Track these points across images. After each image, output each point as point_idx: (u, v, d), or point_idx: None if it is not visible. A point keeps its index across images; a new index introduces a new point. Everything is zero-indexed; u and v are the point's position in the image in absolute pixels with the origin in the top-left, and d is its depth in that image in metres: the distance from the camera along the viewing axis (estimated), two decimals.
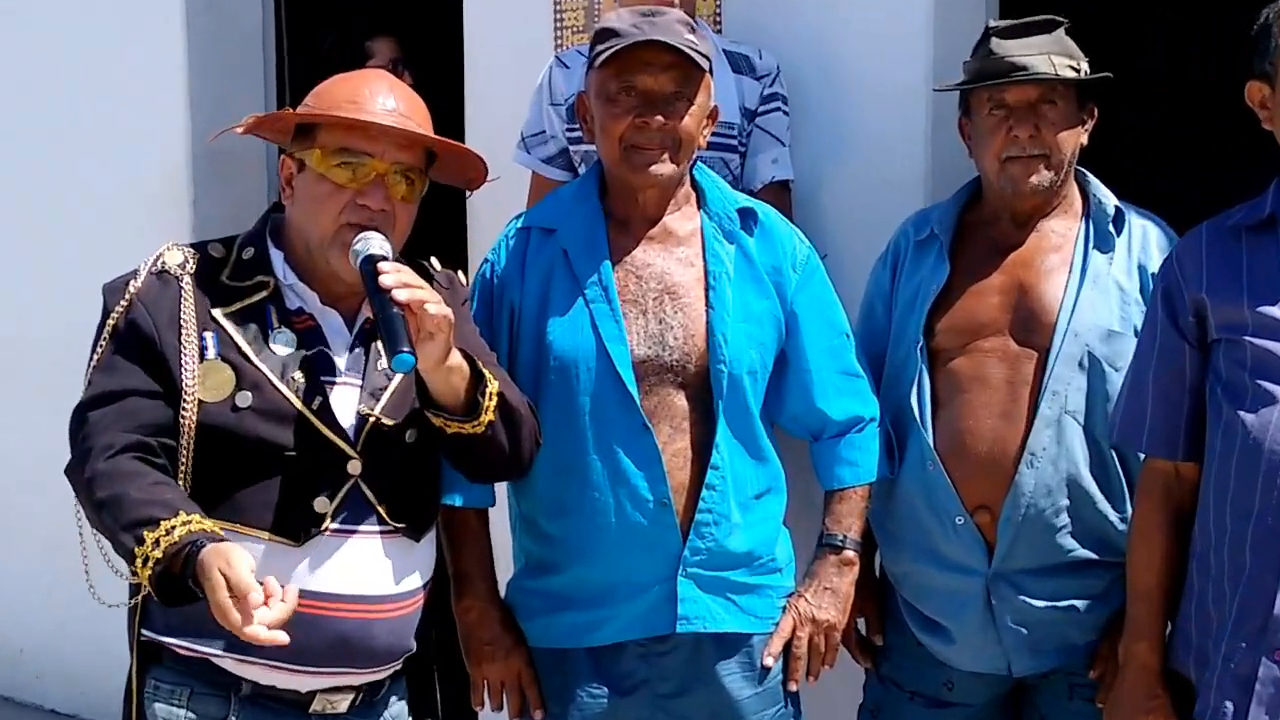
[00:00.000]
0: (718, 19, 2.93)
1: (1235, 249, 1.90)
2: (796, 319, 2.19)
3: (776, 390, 2.21)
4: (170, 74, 3.73)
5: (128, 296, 1.84)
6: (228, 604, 1.61)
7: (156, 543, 1.69)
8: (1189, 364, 1.93)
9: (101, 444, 1.78)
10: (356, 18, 3.85)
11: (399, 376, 1.87)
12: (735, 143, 2.67)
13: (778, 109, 2.70)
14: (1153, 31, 3.80)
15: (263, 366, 1.81)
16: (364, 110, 1.85)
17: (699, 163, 2.20)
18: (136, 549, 1.69)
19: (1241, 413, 1.83)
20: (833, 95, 2.77)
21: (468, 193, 2.15)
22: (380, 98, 1.88)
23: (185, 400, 1.79)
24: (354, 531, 1.86)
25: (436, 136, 1.91)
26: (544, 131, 2.79)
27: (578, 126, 2.29)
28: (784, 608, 2.20)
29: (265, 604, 1.61)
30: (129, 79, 3.79)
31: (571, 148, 2.73)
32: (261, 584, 1.61)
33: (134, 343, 1.83)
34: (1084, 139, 2.24)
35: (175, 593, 1.71)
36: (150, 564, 1.68)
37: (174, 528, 1.69)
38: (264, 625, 1.61)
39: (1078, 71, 2.18)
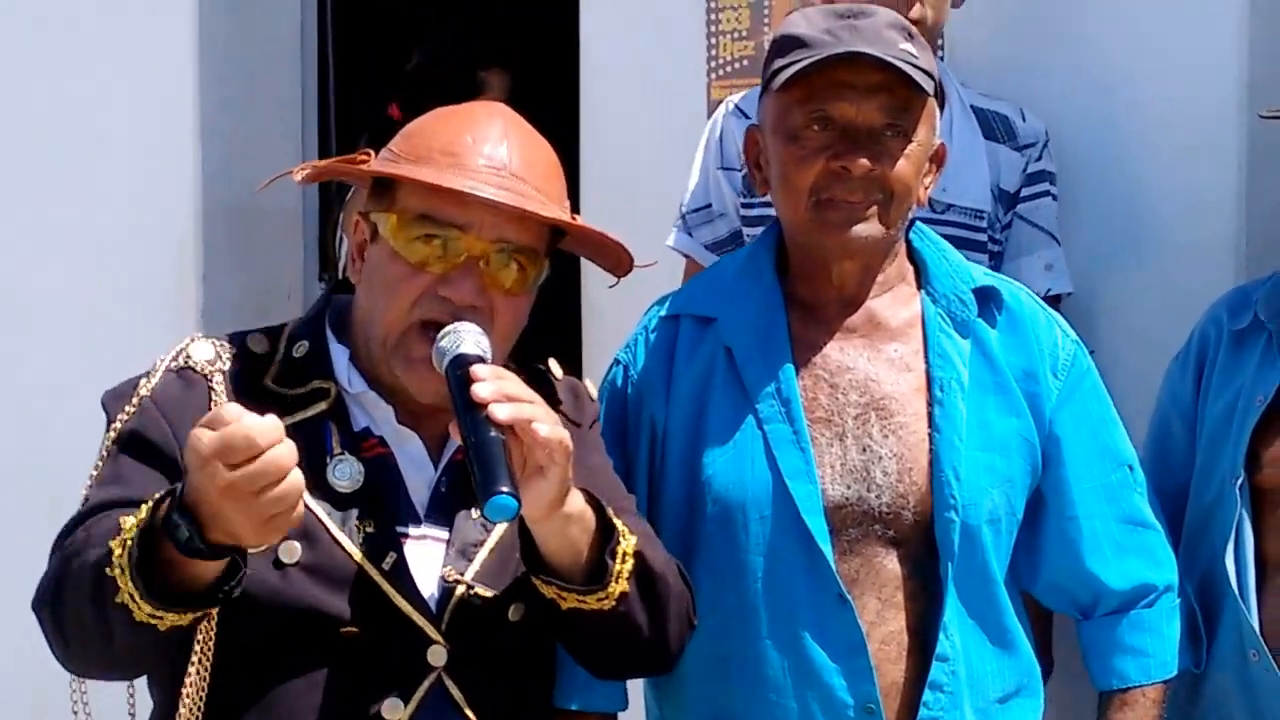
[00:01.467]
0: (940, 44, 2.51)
1: None
2: (1059, 445, 1.75)
3: (1029, 548, 1.78)
4: (175, 96, 3.09)
5: (136, 399, 1.55)
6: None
7: (137, 517, 1.38)
8: None
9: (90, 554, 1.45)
10: (449, 37, 3.39)
11: (500, 528, 1.54)
12: (984, 237, 2.28)
13: (1047, 192, 2.29)
14: None
15: (317, 509, 1.49)
16: (463, 166, 1.51)
17: (918, 225, 1.75)
18: (113, 542, 1.38)
19: None
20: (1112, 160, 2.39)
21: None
22: (489, 147, 1.53)
23: None
24: None
25: (561, 218, 1.57)
26: (710, 206, 2.45)
27: (757, 200, 1.94)
28: None
29: None
30: (117, 110, 3.13)
31: (747, 230, 2.32)
32: None
33: (147, 453, 1.55)
34: None
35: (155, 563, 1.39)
36: (129, 543, 1.37)
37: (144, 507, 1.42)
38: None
39: None
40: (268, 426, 1.31)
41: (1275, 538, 1.83)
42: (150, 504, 1.39)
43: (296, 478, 1.32)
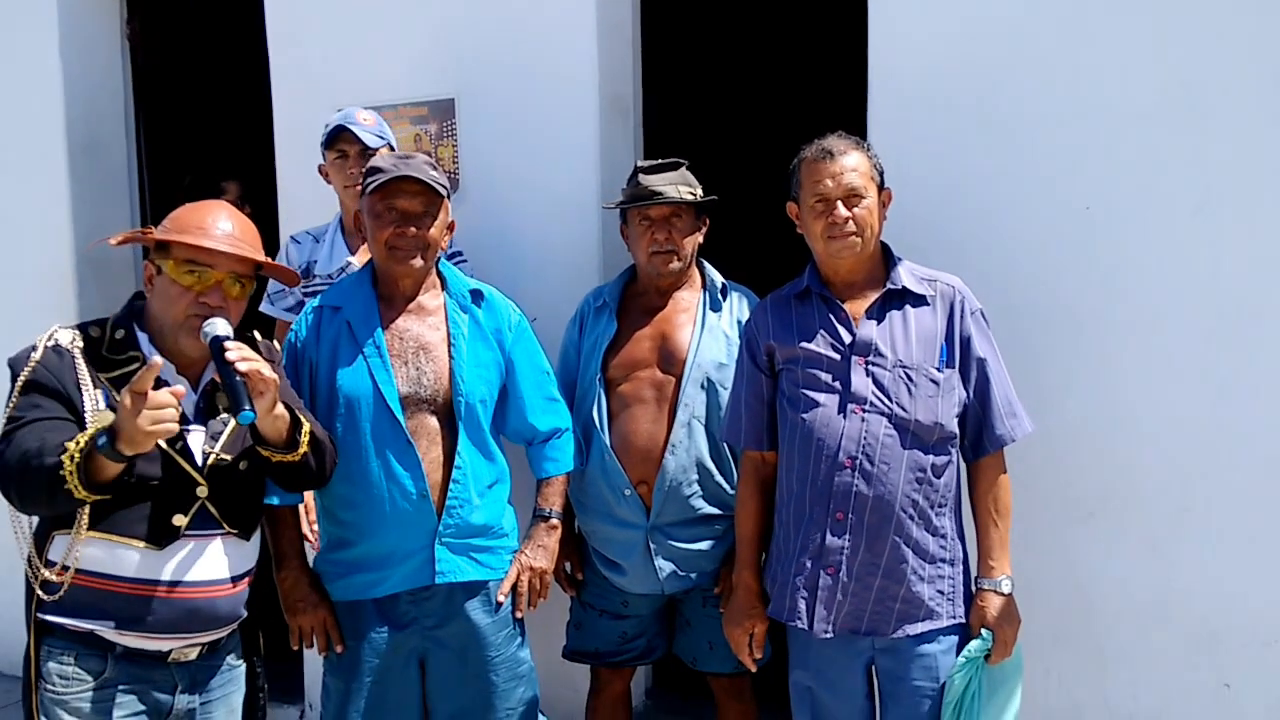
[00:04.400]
0: (457, 173, 3.39)
1: (788, 310, 2.43)
2: (513, 364, 2.60)
3: (501, 413, 2.62)
4: (57, 203, 3.98)
5: (32, 361, 2.01)
6: (139, 384, 1.82)
7: (77, 443, 1.84)
8: (765, 387, 2.44)
9: (25, 445, 1.89)
10: (208, 162, 4.04)
11: (233, 422, 2.09)
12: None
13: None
14: (747, 164, 4.43)
15: None
16: (207, 235, 2.06)
17: (442, 257, 2.62)
18: (63, 457, 1.82)
19: (800, 414, 2.34)
20: (535, 214, 3.22)
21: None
22: (220, 224, 2.09)
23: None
24: (201, 536, 2.07)
25: (260, 258, 2.14)
26: (284, 290, 3.02)
27: (311, 285, 2.60)
28: (511, 561, 2.58)
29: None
30: (23, 208, 4.03)
31: (305, 296, 2.99)
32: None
33: (46, 389, 1.98)
34: (701, 239, 2.80)
35: (94, 475, 1.85)
36: (75, 459, 1.81)
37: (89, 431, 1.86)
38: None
39: (695, 195, 2.74)
40: (169, 397, 1.81)
41: (615, 403, 2.67)
42: (89, 435, 1.84)
43: (174, 415, 1.84)
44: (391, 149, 2.94)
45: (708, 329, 2.73)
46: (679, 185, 2.73)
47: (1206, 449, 2.65)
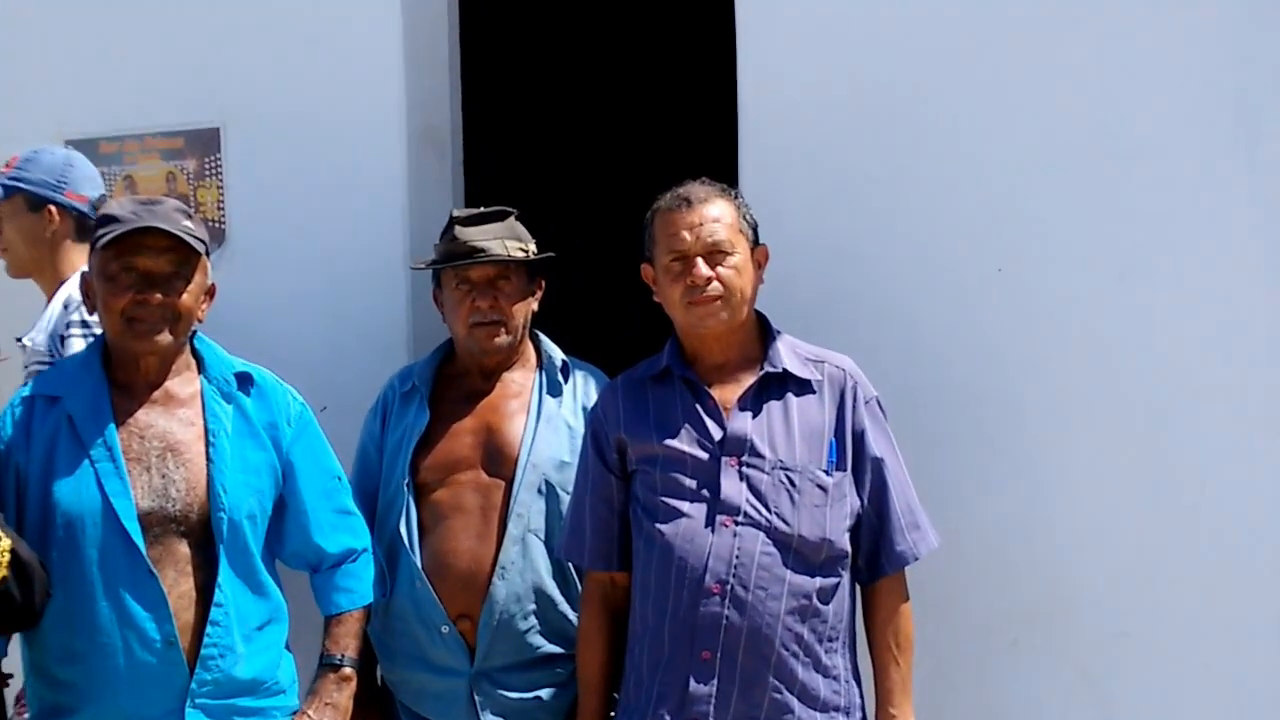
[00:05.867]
0: (222, 222, 3.27)
1: (643, 395, 2.39)
2: (293, 467, 2.46)
3: (277, 532, 2.47)
4: None
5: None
6: None
7: None
8: (615, 491, 2.38)
9: None
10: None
11: None
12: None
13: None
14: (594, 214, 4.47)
15: None
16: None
17: (199, 333, 2.45)
18: None
19: (657, 525, 2.29)
20: (324, 275, 3.17)
21: None
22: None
23: None
24: None
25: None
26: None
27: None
28: None
29: None
30: None
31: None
32: None
33: None
34: (534, 306, 2.70)
35: None
36: None
37: None
38: None
39: (526, 252, 2.65)
40: None
41: (428, 513, 2.58)
42: None
43: None
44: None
45: (545, 419, 2.66)
46: (506, 239, 2.64)
47: (1147, 559, 2.67)
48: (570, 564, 2.58)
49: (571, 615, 2.60)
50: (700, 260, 2.31)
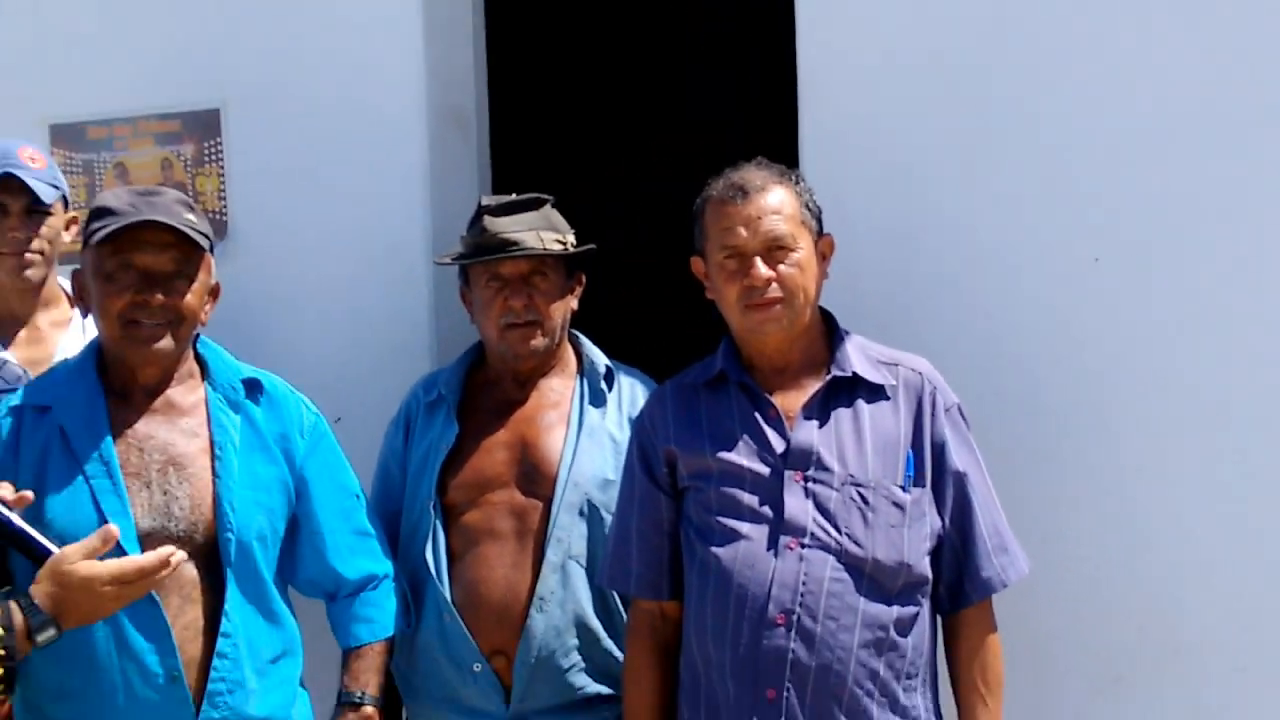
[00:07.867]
0: (223, 214, 3.29)
1: (695, 403, 2.41)
2: (307, 483, 2.52)
3: (290, 554, 2.53)
4: None
5: None
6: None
7: None
8: (665, 511, 2.40)
9: None
10: None
11: None
12: None
13: None
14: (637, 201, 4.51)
15: None
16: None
17: (202, 336, 2.50)
18: None
19: (712, 548, 2.30)
20: (337, 272, 3.20)
21: None
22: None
23: None
24: None
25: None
26: None
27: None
28: None
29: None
30: None
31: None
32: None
33: None
34: (574, 305, 2.74)
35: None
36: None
37: None
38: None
39: (564, 245, 2.69)
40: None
41: (457, 538, 2.62)
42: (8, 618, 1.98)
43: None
44: (66, 205, 2.91)
45: (587, 432, 2.70)
46: (541, 230, 2.68)
47: (1265, 588, 2.64)
48: (615, 593, 2.61)
49: (617, 651, 2.63)
50: (759, 259, 2.33)
